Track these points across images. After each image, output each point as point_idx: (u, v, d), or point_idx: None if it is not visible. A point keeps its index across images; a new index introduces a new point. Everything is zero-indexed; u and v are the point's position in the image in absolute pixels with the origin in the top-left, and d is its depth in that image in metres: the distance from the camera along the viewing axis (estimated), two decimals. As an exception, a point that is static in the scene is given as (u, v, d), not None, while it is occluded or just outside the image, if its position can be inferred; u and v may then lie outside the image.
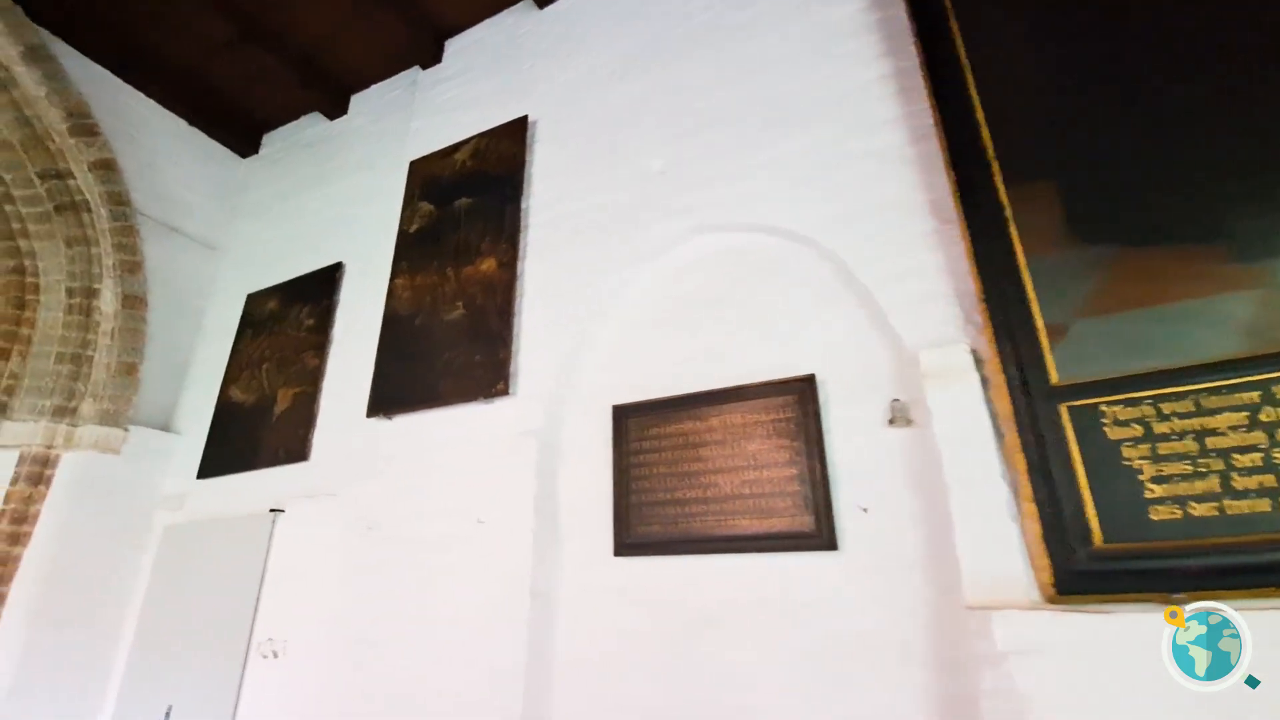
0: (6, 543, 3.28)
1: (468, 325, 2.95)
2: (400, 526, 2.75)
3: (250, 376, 3.76)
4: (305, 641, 2.79)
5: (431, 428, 2.88)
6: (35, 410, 3.54)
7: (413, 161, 3.61)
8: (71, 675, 3.29)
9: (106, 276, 3.77)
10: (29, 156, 3.65)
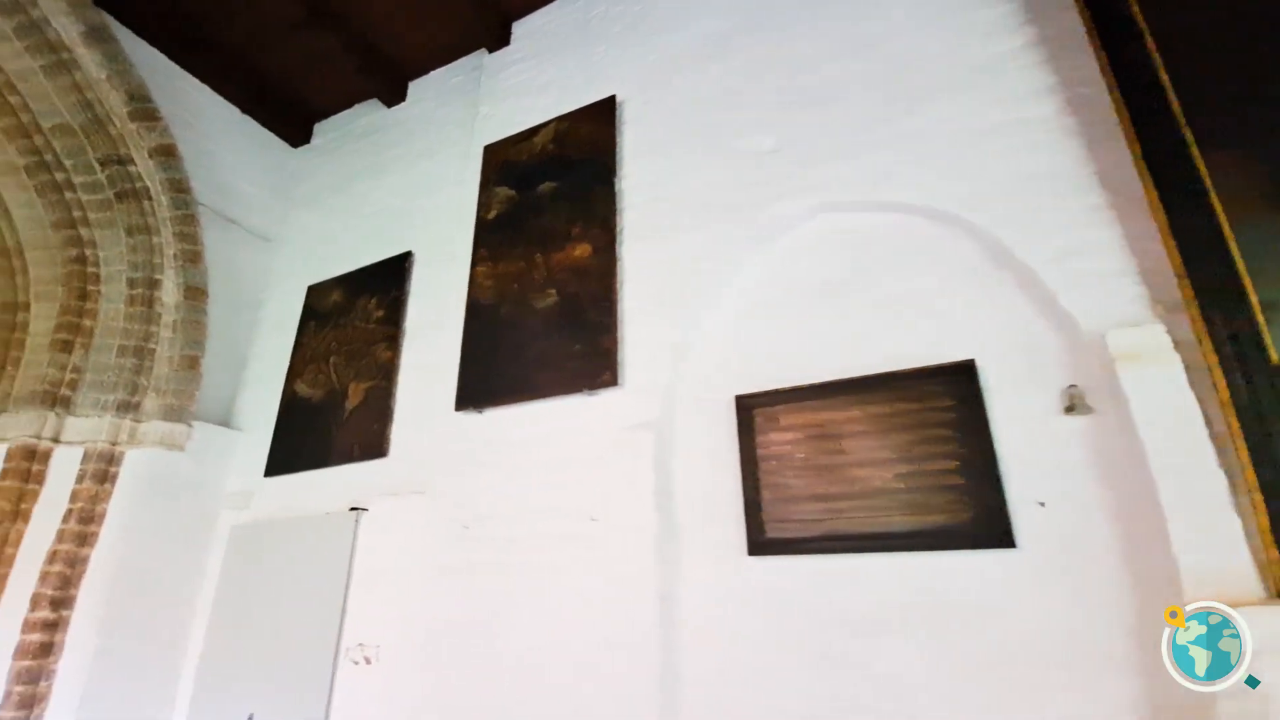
0: (74, 543, 3.15)
1: (562, 314, 2.81)
2: (499, 526, 2.61)
3: (317, 370, 3.62)
4: (400, 647, 2.65)
5: (528, 421, 2.73)
6: (98, 405, 3.40)
7: (487, 146, 3.47)
8: (142, 682, 3.15)
9: (168, 266, 3.63)
10: (90, 141, 3.52)
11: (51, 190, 3.49)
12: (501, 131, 3.49)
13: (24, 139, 3.43)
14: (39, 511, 3.22)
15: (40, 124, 3.44)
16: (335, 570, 2.90)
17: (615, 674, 2.18)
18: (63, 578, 3.10)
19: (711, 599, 2.21)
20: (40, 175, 3.47)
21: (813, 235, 2.51)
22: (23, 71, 3.38)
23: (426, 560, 2.71)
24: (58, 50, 3.40)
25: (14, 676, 2.94)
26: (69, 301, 3.45)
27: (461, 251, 3.29)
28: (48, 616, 3.04)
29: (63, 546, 3.14)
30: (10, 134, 3.39)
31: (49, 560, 3.12)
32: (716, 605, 2.20)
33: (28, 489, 3.21)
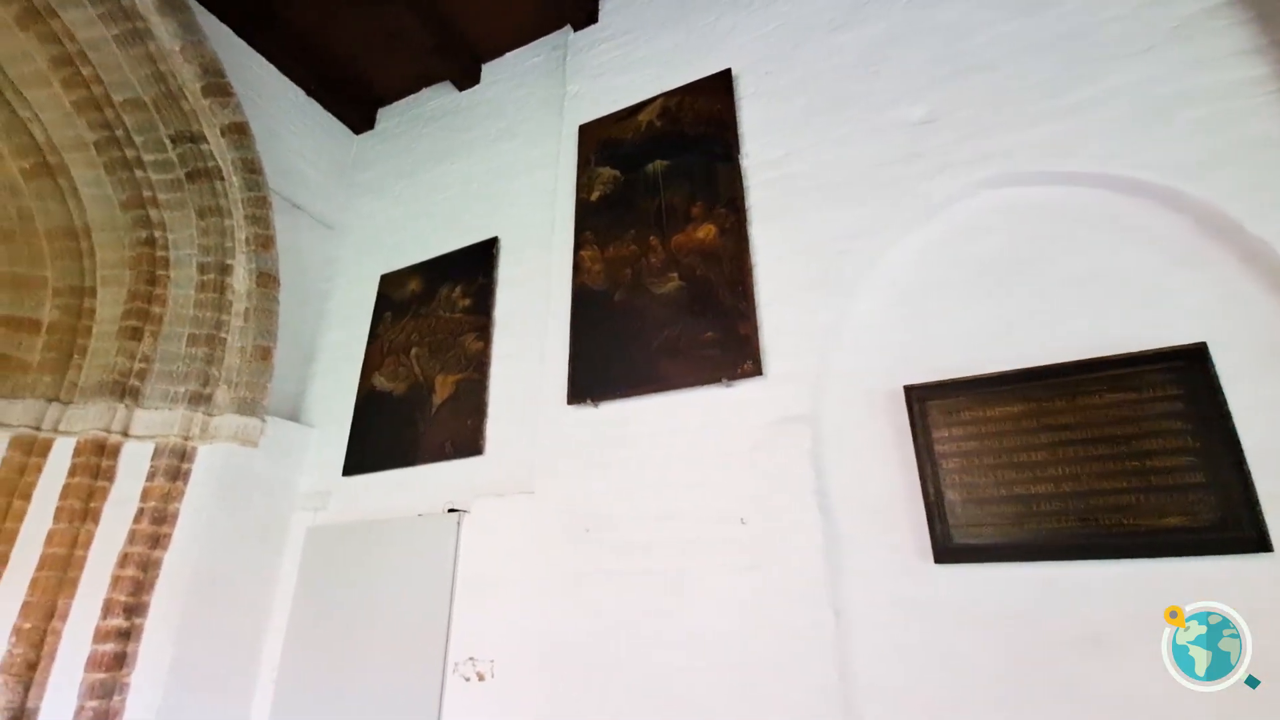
0: (147, 545, 2.92)
1: (688, 299, 2.59)
2: (626, 529, 2.38)
3: (397, 363, 3.40)
4: (516, 663, 2.41)
5: (653, 415, 2.51)
6: (168, 398, 3.18)
7: (582, 126, 3.27)
8: (219, 696, 2.92)
9: (239, 251, 3.42)
10: (161, 117, 3.32)
11: (121, 168, 3.29)
12: (596, 110, 3.29)
13: (94, 112, 3.22)
14: (108, 510, 3.00)
15: (112, 97, 3.24)
16: (436, 577, 2.67)
17: (779, 696, 1.95)
18: (135, 583, 2.87)
19: (893, 612, 1.98)
20: (110, 152, 3.26)
21: (979, 211, 2.30)
22: (95, 41, 3.18)
23: (542, 567, 2.48)
24: (132, 18, 3.20)
25: (86, 691, 2.71)
26: (138, 286, 3.24)
27: (559, 236, 3.08)
28: (121, 624, 2.81)
29: (134, 549, 2.92)
30: (81, 107, 3.19)
31: (120, 564, 2.89)
32: (899, 619, 1.97)
33: (97, 486, 2.99)
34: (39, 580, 2.86)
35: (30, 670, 2.77)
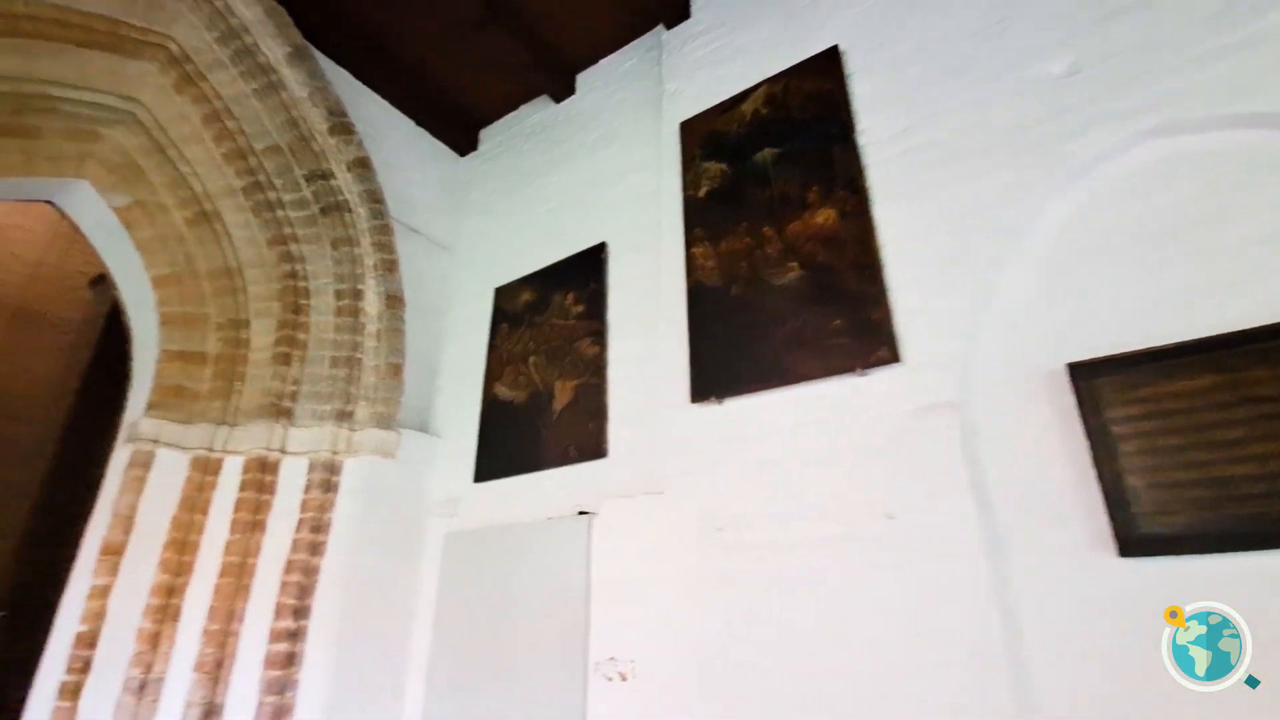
0: (307, 553, 3.17)
1: (810, 288, 2.50)
2: (762, 527, 2.32)
3: (516, 372, 3.51)
4: (658, 663, 2.41)
5: (782, 409, 2.44)
6: (316, 416, 3.45)
7: (683, 123, 3.25)
8: (376, 693, 3.12)
9: (369, 276, 3.66)
10: (296, 159, 3.61)
11: (265, 209, 3.60)
12: (697, 106, 3.26)
13: (240, 161, 3.55)
14: (273, 522, 3.28)
15: (253, 145, 3.56)
16: (571, 578, 2.72)
17: (941, 703, 1.82)
18: (300, 587, 3.12)
19: (1072, 611, 1.80)
20: (255, 195, 3.58)
21: (1141, 166, 2.07)
22: (237, 96, 3.51)
23: (675, 567, 2.47)
24: (266, 72, 3.51)
25: (265, 687, 2.97)
26: (285, 316, 3.53)
27: (668, 235, 3.07)
28: (290, 626, 3.06)
29: (297, 556, 3.17)
30: (229, 158, 3.53)
31: (286, 570, 3.16)
32: (1080, 619, 1.79)
33: (262, 499, 3.28)
34: (220, 586, 3.16)
35: (218, 668, 3.06)
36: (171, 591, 3.16)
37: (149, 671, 3.03)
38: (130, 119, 3.41)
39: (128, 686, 3.00)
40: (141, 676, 3.02)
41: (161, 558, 3.19)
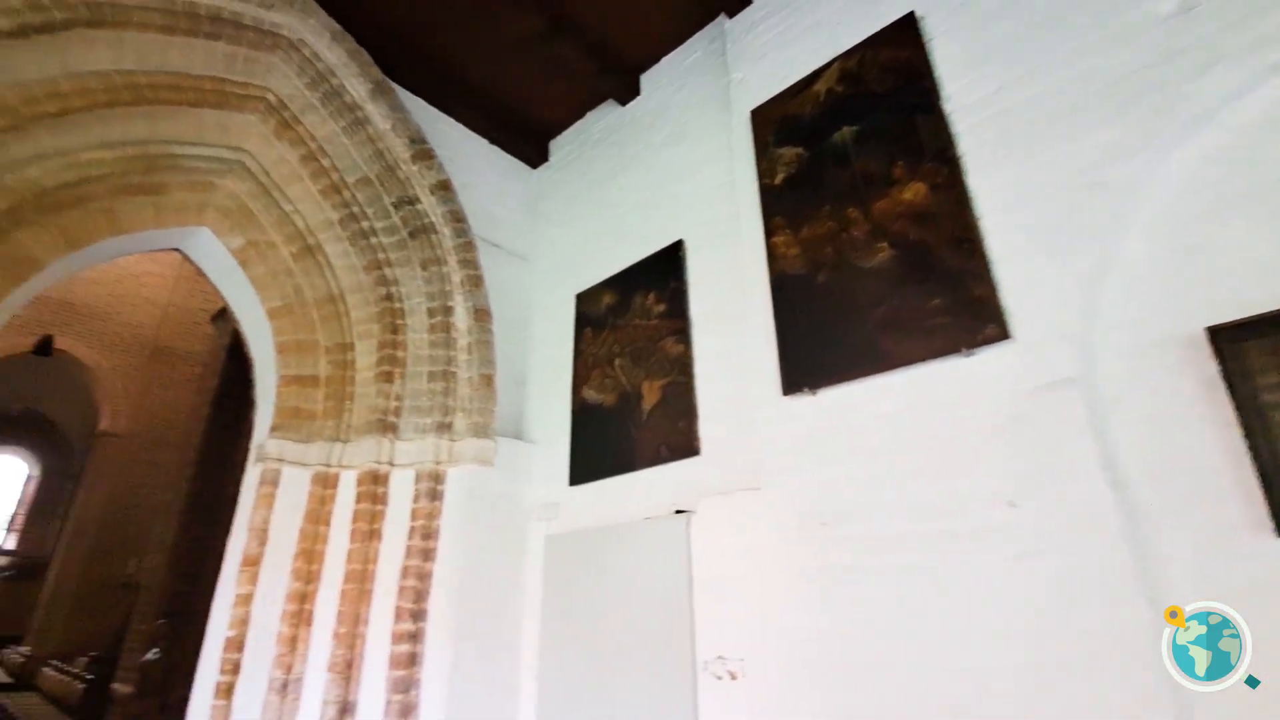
0: (420, 559, 3.34)
1: (903, 268, 2.39)
2: (868, 521, 2.24)
3: (603, 375, 3.56)
4: (767, 661, 2.37)
5: (881, 397, 2.34)
6: (419, 429, 3.63)
7: (753, 111, 3.18)
8: (491, 691, 3.25)
9: (457, 293, 3.83)
10: (384, 188, 3.82)
11: (360, 238, 3.83)
12: (767, 92, 3.19)
13: (335, 195, 3.80)
14: (387, 530, 3.48)
15: (346, 179, 3.80)
16: (673, 577, 2.72)
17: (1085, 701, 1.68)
18: (416, 591, 3.30)
19: (1228, 599, 1.62)
20: (351, 226, 3.82)
21: (1269, 103, 1.84)
22: (328, 135, 3.75)
23: (779, 564, 2.42)
24: (353, 109, 3.73)
25: (391, 685, 3.16)
26: (384, 336, 3.75)
27: (746, 227, 3.02)
28: (409, 628, 3.24)
29: (411, 562, 3.35)
30: (326, 193, 3.78)
31: (402, 575, 3.34)
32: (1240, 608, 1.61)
33: (377, 510, 3.49)
34: (345, 592, 3.38)
35: (348, 668, 3.28)
36: (304, 598, 3.41)
37: (289, 672, 3.29)
38: (239, 167, 3.72)
39: (272, 686, 3.27)
40: (283, 677, 3.28)
41: (293, 567, 3.46)
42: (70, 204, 3.19)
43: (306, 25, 3.52)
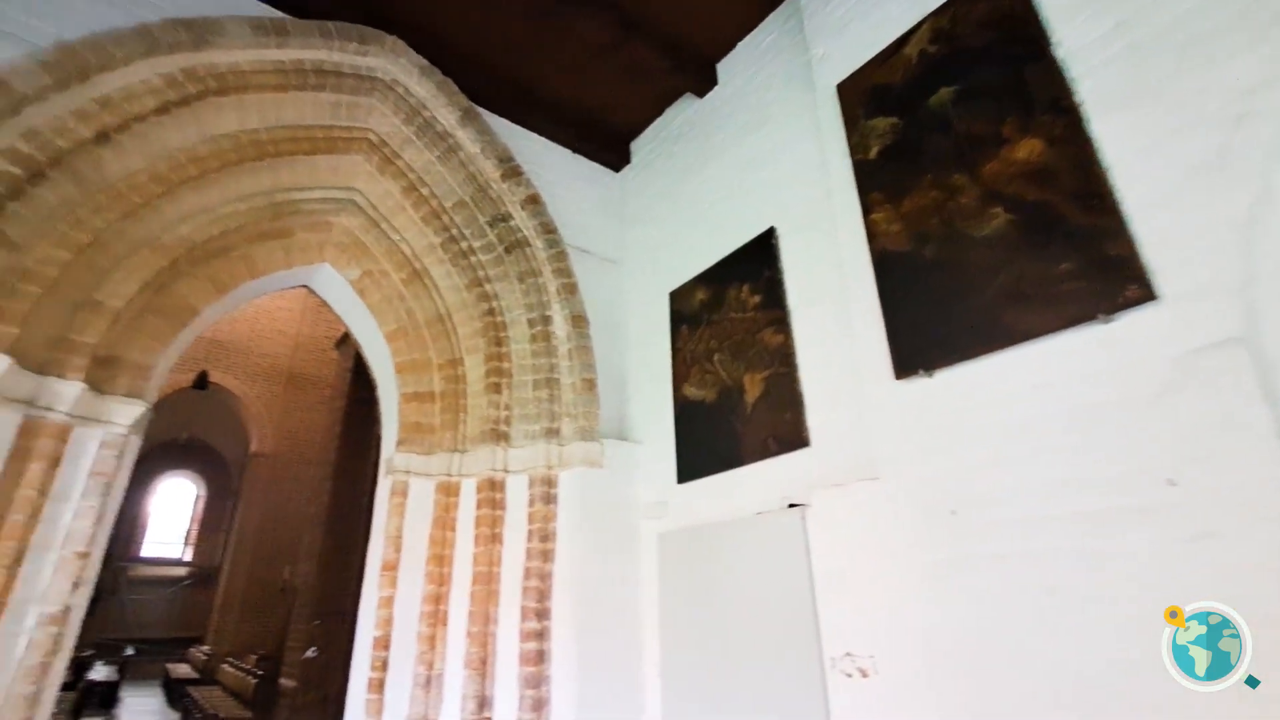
0: (540, 560, 3.48)
1: (1022, 233, 2.21)
2: (1003, 507, 2.09)
3: (701, 371, 3.55)
4: (900, 658, 2.28)
5: (1007, 373, 2.18)
6: (529, 435, 3.78)
7: (839, 85, 3.05)
8: (618, 685, 3.33)
9: (553, 302, 3.95)
10: (478, 209, 4.00)
11: (460, 258, 4.04)
12: (851, 63, 3.05)
13: (436, 220, 4.03)
14: (508, 534, 3.65)
15: (444, 204, 4.01)
16: (792, 573, 2.67)
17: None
18: (538, 591, 3.44)
19: None
20: (451, 248, 4.04)
21: None
22: (425, 165, 3.98)
23: (905, 556, 2.31)
24: (444, 138, 3.94)
25: (523, 681, 3.31)
26: (490, 349, 3.93)
27: (841, 206, 2.90)
28: (535, 626, 3.38)
29: (532, 564, 3.50)
30: (427, 220, 4.01)
31: (525, 576, 3.49)
32: None
33: (496, 515, 3.67)
34: (475, 593, 3.58)
35: (483, 665, 3.47)
36: (438, 599, 3.65)
37: (431, 668, 3.53)
38: (351, 205, 4.02)
39: (416, 681, 3.51)
40: (426, 672, 3.52)
41: (426, 570, 3.70)
42: (215, 254, 3.58)
43: (398, 65, 3.75)
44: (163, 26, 3.04)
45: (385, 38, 3.70)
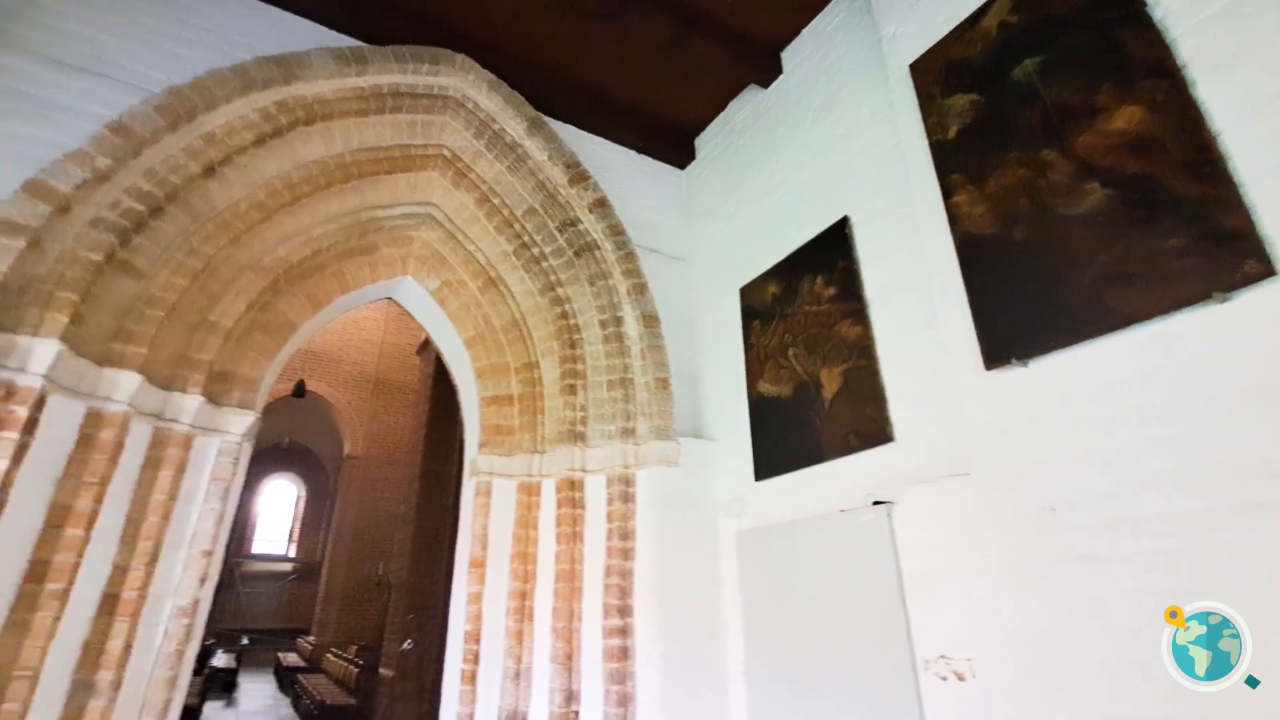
0: (620, 558, 3.53)
1: (1123, 208, 2.06)
2: (1108, 504, 1.95)
3: (776, 367, 3.50)
4: (999, 662, 2.17)
5: (1109, 360, 2.03)
6: (605, 435, 3.84)
7: (912, 65, 2.93)
8: (701, 683, 3.34)
9: (624, 303, 3.99)
10: (548, 215, 4.10)
11: (533, 264, 4.15)
12: (925, 41, 2.92)
13: (508, 229, 4.15)
14: (588, 532, 3.73)
15: (515, 213, 4.13)
16: (879, 572, 2.60)
17: None
18: (620, 589, 3.49)
19: None
20: (524, 254, 4.15)
21: None
22: (496, 176, 4.11)
23: (1001, 555, 2.20)
24: (513, 148, 4.05)
25: (608, 677, 3.37)
26: (564, 351, 4.02)
27: (919, 190, 2.78)
28: (618, 624, 3.44)
29: (613, 561, 3.56)
30: (500, 228, 4.15)
31: (606, 574, 3.56)
32: None
33: (576, 513, 3.75)
34: (558, 590, 3.68)
35: (569, 660, 3.56)
36: (524, 595, 3.77)
37: (519, 662, 3.65)
38: (429, 219, 4.21)
39: (506, 674, 3.65)
40: (515, 666, 3.64)
41: (511, 567, 3.83)
42: (310, 273, 3.83)
43: (467, 81, 3.88)
44: (256, 64, 3.28)
45: (455, 56, 3.84)
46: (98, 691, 2.73)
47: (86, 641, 2.75)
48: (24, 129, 2.78)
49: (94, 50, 3.05)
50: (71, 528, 2.72)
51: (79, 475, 2.77)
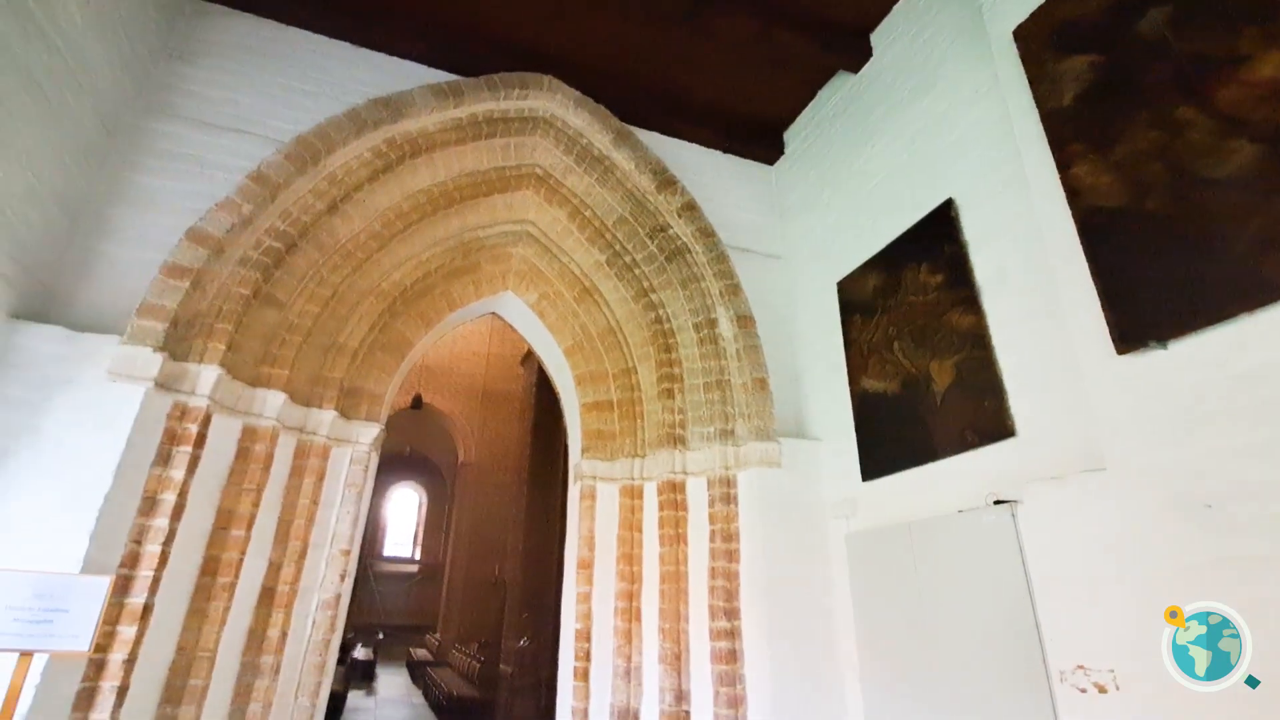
0: (725, 560, 3.52)
1: (1275, 164, 1.81)
2: (1265, 501, 1.72)
3: (881, 361, 3.36)
4: (1147, 674, 1.95)
5: (1264, 338, 1.79)
6: (704, 438, 3.85)
7: (1017, 31, 2.73)
8: (815, 688, 3.26)
9: (717, 305, 3.98)
10: (638, 222, 4.17)
11: (625, 272, 4.23)
12: (1030, 5, 2.70)
13: (600, 239, 4.27)
14: (691, 534, 3.75)
15: (606, 223, 4.23)
16: (1005, 576, 2.42)
17: None
18: (725, 591, 3.48)
19: None
20: (617, 263, 4.25)
21: None
22: (586, 188, 4.23)
23: (1147, 557, 1.99)
24: (601, 161, 4.16)
25: (717, 679, 3.37)
26: (660, 356, 4.06)
27: (1032, 164, 2.58)
28: (725, 626, 3.42)
29: (717, 563, 3.55)
30: (592, 239, 4.26)
31: (711, 575, 3.55)
32: None
33: (679, 515, 3.78)
34: (664, 591, 3.72)
35: (677, 660, 3.58)
36: (630, 596, 3.84)
37: (629, 661, 3.72)
38: (526, 235, 4.40)
39: (616, 672, 3.73)
40: (625, 665, 3.72)
41: (617, 569, 3.91)
42: (421, 294, 4.12)
43: (554, 101, 4.03)
44: (367, 107, 3.58)
45: (542, 78, 4.00)
46: (261, 672, 3.08)
47: (250, 628, 3.12)
48: (184, 185, 3.20)
49: (235, 110, 3.46)
50: (235, 528, 3.09)
51: (239, 483, 3.15)
